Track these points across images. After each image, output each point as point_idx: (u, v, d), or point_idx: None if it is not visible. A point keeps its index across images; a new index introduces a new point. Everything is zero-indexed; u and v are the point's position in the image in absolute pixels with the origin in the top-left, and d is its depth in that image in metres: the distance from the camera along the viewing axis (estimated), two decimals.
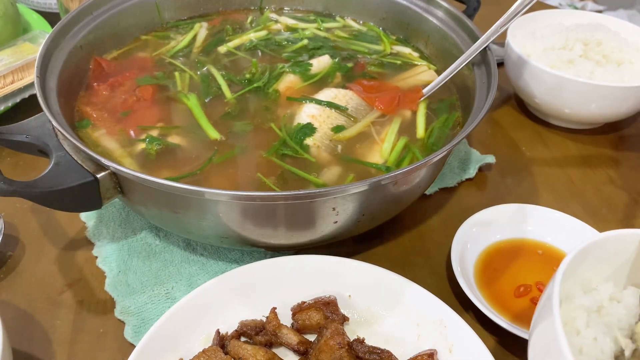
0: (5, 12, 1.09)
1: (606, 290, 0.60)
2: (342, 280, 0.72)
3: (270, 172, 0.79)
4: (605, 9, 2.81)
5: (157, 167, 0.80)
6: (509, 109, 1.17)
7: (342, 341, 0.62)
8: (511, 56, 1.06)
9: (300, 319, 0.68)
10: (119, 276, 0.78)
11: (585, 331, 0.56)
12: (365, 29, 1.15)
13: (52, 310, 0.74)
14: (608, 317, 0.57)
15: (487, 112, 0.76)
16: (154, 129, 0.86)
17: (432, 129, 0.88)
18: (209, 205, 0.67)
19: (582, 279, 0.61)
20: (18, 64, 1.02)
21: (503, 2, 1.05)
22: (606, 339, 0.55)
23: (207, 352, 0.63)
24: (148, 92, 0.92)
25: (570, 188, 0.98)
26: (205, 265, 0.80)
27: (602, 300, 0.59)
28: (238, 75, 0.98)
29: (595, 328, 0.55)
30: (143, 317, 0.73)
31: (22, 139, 0.74)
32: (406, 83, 0.99)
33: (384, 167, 0.81)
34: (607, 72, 1.01)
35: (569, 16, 1.19)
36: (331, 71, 0.99)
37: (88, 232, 0.84)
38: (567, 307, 0.58)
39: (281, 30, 1.14)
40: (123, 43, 1.05)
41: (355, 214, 0.70)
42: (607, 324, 0.57)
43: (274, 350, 0.67)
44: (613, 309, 0.58)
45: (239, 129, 0.86)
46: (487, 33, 0.89)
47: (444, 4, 1.04)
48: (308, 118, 0.87)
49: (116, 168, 0.66)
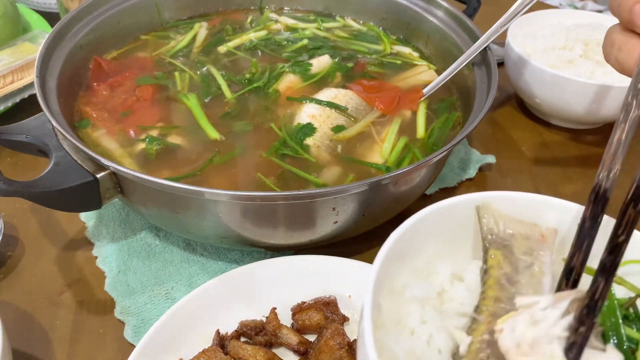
0: (5, 12, 1.09)
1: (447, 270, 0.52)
2: (342, 280, 0.72)
3: (270, 172, 0.79)
4: (605, 8, 2.80)
5: (157, 167, 0.80)
6: (509, 109, 1.17)
7: (342, 341, 0.62)
8: (511, 56, 1.06)
9: (300, 319, 0.68)
10: (119, 276, 0.78)
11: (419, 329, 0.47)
12: (365, 29, 1.15)
13: (51, 311, 0.74)
14: (450, 302, 0.49)
15: (487, 112, 0.76)
16: (153, 129, 0.86)
17: (432, 129, 0.88)
18: (209, 205, 0.67)
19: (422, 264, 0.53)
20: (18, 64, 1.02)
21: (503, 2, 1.05)
22: (441, 334, 0.47)
23: (207, 352, 0.63)
24: (148, 92, 0.92)
25: (571, 188, 0.98)
26: (205, 265, 0.80)
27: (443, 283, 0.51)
28: (238, 75, 0.98)
29: (430, 324, 0.48)
30: (143, 317, 0.72)
31: (21, 139, 0.74)
32: (406, 83, 0.99)
33: (384, 167, 0.81)
34: (608, 72, 1.01)
35: (569, 16, 1.19)
36: (331, 71, 0.99)
37: (88, 232, 0.84)
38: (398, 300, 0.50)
39: (281, 30, 1.14)
40: (123, 43, 1.05)
41: (355, 214, 0.70)
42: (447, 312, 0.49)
43: (274, 350, 0.66)
44: (455, 291, 0.50)
45: (239, 129, 0.86)
46: (487, 33, 0.89)
47: (444, 4, 1.04)
48: (308, 118, 0.87)
49: (116, 168, 0.66)
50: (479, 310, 0.47)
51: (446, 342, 0.47)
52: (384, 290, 0.49)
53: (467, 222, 0.54)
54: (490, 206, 0.53)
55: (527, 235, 0.53)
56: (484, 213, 0.53)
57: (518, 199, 0.54)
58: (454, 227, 0.54)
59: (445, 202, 0.53)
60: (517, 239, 0.52)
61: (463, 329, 0.47)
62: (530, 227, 0.53)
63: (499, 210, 0.53)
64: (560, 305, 0.42)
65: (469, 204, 0.54)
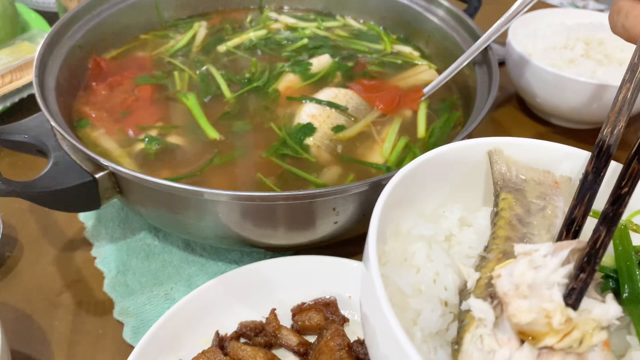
0: (4, 12, 1.08)
1: (454, 215, 0.51)
2: (342, 280, 0.71)
3: (270, 172, 0.78)
4: (606, 7, 2.80)
5: (156, 167, 0.79)
6: (510, 108, 1.17)
7: (342, 342, 0.62)
8: (512, 55, 1.05)
9: (300, 320, 0.68)
10: (118, 277, 0.77)
11: (425, 267, 0.47)
12: (365, 28, 1.15)
13: (50, 311, 0.74)
14: (459, 246, 0.49)
15: (488, 111, 0.75)
16: (153, 129, 0.85)
17: (433, 128, 0.88)
18: (209, 206, 0.67)
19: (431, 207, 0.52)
20: (16, 64, 1.01)
21: (504, 1, 1.05)
22: (449, 272, 0.46)
23: (207, 353, 0.62)
24: (147, 91, 0.92)
25: None
26: (205, 265, 0.79)
27: (451, 227, 0.51)
28: (237, 75, 0.97)
29: (437, 261, 0.47)
30: (142, 318, 0.72)
31: (20, 139, 0.74)
32: (407, 82, 0.99)
33: (384, 167, 0.80)
34: (609, 71, 1.01)
35: (571, 15, 1.18)
36: (331, 70, 0.99)
37: (87, 232, 0.84)
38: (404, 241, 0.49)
39: (281, 30, 1.13)
40: (122, 42, 1.05)
41: (355, 214, 0.70)
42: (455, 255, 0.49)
43: (274, 351, 0.66)
44: (463, 235, 0.50)
45: (238, 129, 0.86)
46: (488, 32, 0.88)
47: (444, 3, 1.03)
48: (308, 118, 0.87)
49: (115, 168, 0.66)
50: (489, 249, 0.47)
51: (453, 279, 0.46)
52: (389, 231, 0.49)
53: (477, 167, 0.53)
54: (502, 151, 0.53)
55: (540, 181, 0.52)
56: (496, 158, 0.52)
57: (531, 145, 0.53)
58: (463, 172, 0.53)
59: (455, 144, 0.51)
60: (529, 184, 0.51)
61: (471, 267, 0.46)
62: (543, 174, 0.53)
63: (511, 156, 0.52)
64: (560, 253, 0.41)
65: (480, 148, 0.52)
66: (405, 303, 0.46)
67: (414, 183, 0.50)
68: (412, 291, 0.46)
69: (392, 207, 0.47)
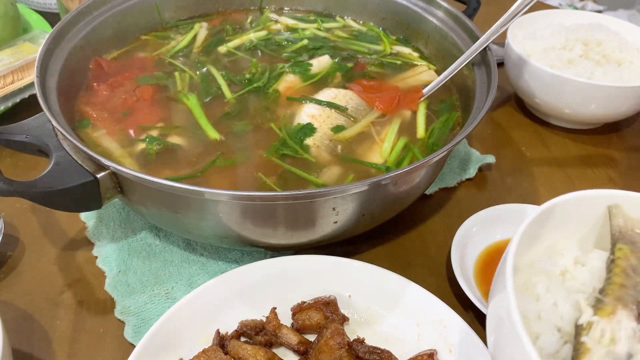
0: (5, 12, 1.09)
1: (571, 254, 0.58)
2: (342, 280, 0.72)
3: (270, 172, 0.79)
4: (605, 9, 2.81)
5: (157, 167, 0.80)
6: (509, 109, 1.17)
7: (342, 341, 0.62)
8: (511, 56, 1.06)
9: (300, 319, 0.68)
10: (119, 276, 0.78)
11: (545, 297, 0.54)
12: (365, 29, 1.15)
13: (52, 310, 0.74)
14: (572, 281, 0.55)
15: (487, 112, 0.76)
16: (154, 129, 0.86)
17: (432, 129, 0.88)
18: (209, 205, 0.67)
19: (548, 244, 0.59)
20: (18, 64, 1.02)
21: (503, 2, 1.05)
22: (566, 304, 0.53)
23: (207, 352, 0.63)
24: (148, 92, 0.92)
25: (570, 188, 0.98)
26: (205, 265, 0.80)
27: (567, 264, 0.57)
28: (238, 75, 0.98)
29: (555, 293, 0.54)
30: (143, 317, 0.73)
31: (22, 139, 0.74)
32: (406, 83, 0.99)
33: (384, 167, 0.81)
34: (607, 72, 1.01)
35: (569, 16, 1.19)
36: (331, 71, 0.99)
37: (88, 232, 0.84)
38: (528, 273, 0.56)
39: (281, 30, 1.14)
40: (123, 43, 1.05)
41: (355, 214, 0.70)
42: (570, 288, 0.55)
43: (274, 350, 0.67)
44: (577, 272, 0.56)
45: (239, 129, 0.86)
46: (487, 33, 0.89)
47: (444, 4, 1.04)
48: (308, 118, 0.87)
49: (116, 168, 0.66)
50: (605, 292, 0.52)
51: (568, 311, 0.53)
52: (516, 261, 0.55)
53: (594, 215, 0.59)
54: (621, 207, 0.59)
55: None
56: (615, 212, 0.58)
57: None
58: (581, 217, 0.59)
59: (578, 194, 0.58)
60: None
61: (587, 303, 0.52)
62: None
63: (629, 212, 0.59)
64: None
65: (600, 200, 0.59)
66: (527, 326, 0.52)
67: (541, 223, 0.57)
68: (533, 317, 0.53)
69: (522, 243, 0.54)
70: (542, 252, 0.58)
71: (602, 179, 1.00)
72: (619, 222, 0.58)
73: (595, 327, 0.50)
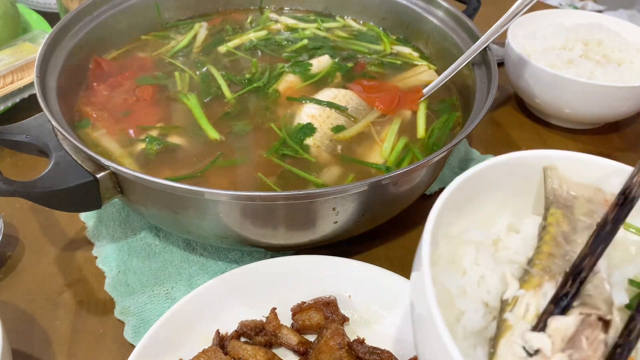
0: (5, 12, 1.09)
1: (504, 221, 0.53)
2: (342, 280, 0.72)
3: (270, 172, 0.78)
4: (605, 8, 2.81)
5: (157, 167, 0.80)
6: (509, 109, 1.17)
7: (342, 341, 0.62)
8: (511, 56, 1.06)
9: (300, 319, 0.68)
10: (119, 276, 0.78)
11: (471, 270, 0.49)
12: (365, 29, 1.15)
13: (51, 311, 0.74)
14: (504, 251, 0.51)
15: (487, 112, 0.76)
16: (153, 129, 0.86)
17: (432, 129, 0.88)
18: (209, 205, 0.67)
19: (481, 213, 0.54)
20: (18, 64, 1.02)
21: (503, 2, 1.05)
22: (493, 277, 0.48)
23: (207, 352, 0.63)
24: (148, 92, 0.92)
25: None
26: (205, 265, 0.80)
27: (500, 232, 0.53)
28: (238, 75, 0.98)
29: (483, 265, 0.49)
30: (143, 317, 0.72)
31: (21, 139, 0.74)
32: (406, 83, 0.99)
33: (384, 167, 0.81)
34: (607, 72, 1.01)
35: (569, 16, 1.19)
36: (331, 71, 0.99)
37: (88, 232, 0.84)
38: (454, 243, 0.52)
39: (281, 30, 1.14)
40: (123, 43, 1.05)
41: (355, 214, 0.70)
42: (501, 259, 0.50)
43: (274, 350, 0.66)
44: (510, 241, 0.52)
45: (238, 129, 0.86)
46: (487, 33, 0.89)
47: (444, 4, 1.04)
48: (308, 118, 0.87)
49: (116, 168, 0.66)
50: (532, 263, 0.48)
51: (496, 285, 0.48)
52: (441, 233, 0.51)
53: (530, 177, 0.55)
54: (557, 168, 0.54)
55: (590, 198, 0.53)
56: (550, 173, 0.54)
57: (584, 160, 0.54)
58: (516, 181, 0.55)
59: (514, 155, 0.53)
60: (579, 200, 0.52)
61: (514, 276, 0.48)
62: (594, 191, 0.53)
63: (565, 173, 0.54)
64: None
65: (535, 160, 0.54)
66: (450, 303, 0.48)
67: (470, 189, 0.52)
68: (457, 292, 0.49)
69: (446, 211, 0.50)
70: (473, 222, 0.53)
71: None
72: (554, 184, 0.53)
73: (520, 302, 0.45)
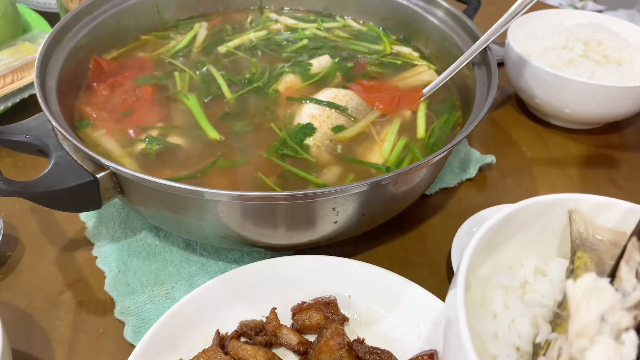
0: (5, 12, 1.09)
1: (531, 264, 0.54)
2: (342, 280, 0.72)
3: (270, 172, 0.78)
4: (605, 8, 2.81)
5: (156, 167, 0.80)
6: (509, 109, 1.17)
7: (342, 341, 0.62)
8: (511, 56, 1.06)
9: (300, 319, 0.68)
10: (119, 276, 0.78)
11: (502, 314, 0.50)
12: (365, 29, 1.15)
13: (51, 311, 0.74)
14: (532, 294, 0.51)
15: (487, 112, 0.76)
16: (153, 129, 0.86)
17: (432, 129, 0.88)
18: (209, 205, 0.67)
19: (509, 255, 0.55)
20: (18, 64, 1.02)
21: (503, 2, 1.05)
22: (524, 321, 0.49)
23: (207, 352, 0.63)
24: (148, 92, 0.92)
25: (570, 188, 0.98)
26: (205, 265, 0.80)
27: (527, 275, 0.53)
28: (238, 75, 0.98)
29: (513, 309, 0.50)
30: (143, 317, 0.72)
31: (21, 139, 0.74)
32: (406, 83, 0.99)
33: (384, 167, 0.81)
34: (608, 72, 1.01)
35: (569, 16, 1.19)
36: (331, 71, 0.99)
37: (88, 232, 0.84)
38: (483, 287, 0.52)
39: (281, 30, 1.14)
40: (123, 43, 1.05)
41: (355, 214, 0.70)
42: (529, 302, 0.51)
43: (274, 350, 0.66)
44: (537, 284, 0.52)
45: (238, 129, 0.86)
46: (487, 33, 0.89)
47: (444, 4, 1.04)
48: (308, 118, 0.87)
49: (116, 168, 0.66)
50: (563, 306, 0.48)
51: (527, 329, 0.48)
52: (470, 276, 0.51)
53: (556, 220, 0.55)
54: (582, 211, 0.55)
55: (615, 242, 0.53)
56: (575, 217, 0.55)
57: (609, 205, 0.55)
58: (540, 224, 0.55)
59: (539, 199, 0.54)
60: (605, 244, 0.53)
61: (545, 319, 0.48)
62: (619, 235, 0.54)
63: (590, 217, 0.55)
64: None
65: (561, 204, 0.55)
66: (482, 347, 0.48)
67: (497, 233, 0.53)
68: (489, 337, 0.49)
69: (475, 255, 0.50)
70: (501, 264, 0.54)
71: (602, 179, 1.00)
72: (580, 228, 0.54)
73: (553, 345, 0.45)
